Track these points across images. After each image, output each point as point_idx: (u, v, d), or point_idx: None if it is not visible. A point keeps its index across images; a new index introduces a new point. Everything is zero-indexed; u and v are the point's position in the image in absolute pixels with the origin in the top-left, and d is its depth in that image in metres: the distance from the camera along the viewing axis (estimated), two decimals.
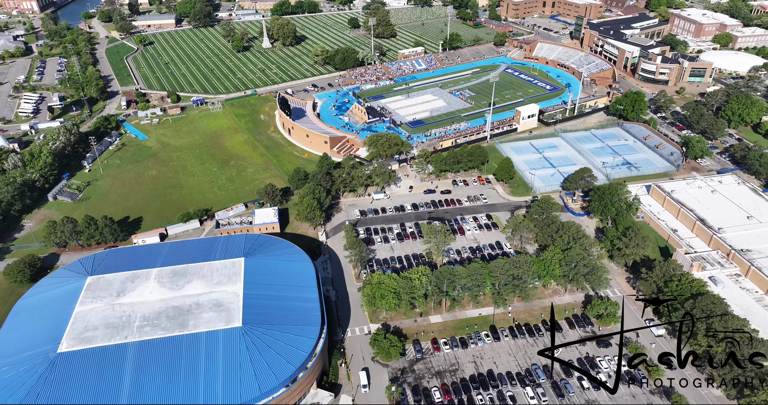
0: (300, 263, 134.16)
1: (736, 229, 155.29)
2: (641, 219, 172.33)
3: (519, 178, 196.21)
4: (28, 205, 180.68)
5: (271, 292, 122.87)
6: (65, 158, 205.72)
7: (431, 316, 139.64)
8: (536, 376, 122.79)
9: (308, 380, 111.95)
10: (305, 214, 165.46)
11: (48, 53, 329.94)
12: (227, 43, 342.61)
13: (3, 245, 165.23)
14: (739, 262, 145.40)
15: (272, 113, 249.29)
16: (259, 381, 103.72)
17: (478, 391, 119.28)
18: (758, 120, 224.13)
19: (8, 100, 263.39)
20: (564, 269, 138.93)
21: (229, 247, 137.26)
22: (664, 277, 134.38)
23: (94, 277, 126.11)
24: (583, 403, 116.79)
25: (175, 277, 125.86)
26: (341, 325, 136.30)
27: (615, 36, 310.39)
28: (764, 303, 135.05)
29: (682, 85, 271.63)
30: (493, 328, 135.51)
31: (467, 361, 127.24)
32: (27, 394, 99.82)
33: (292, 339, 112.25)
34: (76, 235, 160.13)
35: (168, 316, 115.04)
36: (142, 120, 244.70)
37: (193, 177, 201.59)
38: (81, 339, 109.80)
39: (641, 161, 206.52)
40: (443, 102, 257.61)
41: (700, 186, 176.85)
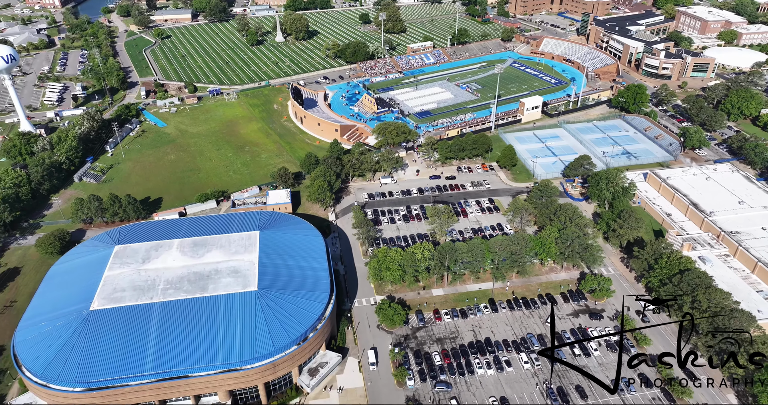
0: (311, 237, 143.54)
1: (726, 213, 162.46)
2: (637, 204, 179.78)
3: (521, 166, 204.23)
4: (56, 185, 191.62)
5: (284, 262, 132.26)
6: (89, 143, 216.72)
7: (434, 290, 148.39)
8: (530, 344, 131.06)
9: (318, 341, 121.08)
10: (316, 196, 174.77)
11: (70, 46, 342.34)
12: (242, 37, 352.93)
13: (33, 221, 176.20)
14: (728, 244, 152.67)
15: (285, 103, 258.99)
16: (273, 338, 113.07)
17: (475, 356, 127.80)
18: (757, 113, 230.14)
19: (34, 90, 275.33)
20: (560, 246, 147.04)
21: (246, 221, 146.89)
22: (654, 254, 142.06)
23: (121, 246, 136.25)
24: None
25: (195, 246, 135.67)
26: (349, 296, 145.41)
27: (620, 32, 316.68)
28: (750, 281, 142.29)
29: (685, 79, 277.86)
30: (492, 301, 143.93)
31: (466, 330, 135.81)
32: (64, 344, 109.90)
33: (303, 303, 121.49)
34: (101, 212, 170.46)
35: (189, 280, 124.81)
36: (161, 109, 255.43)
37: (209, 161, 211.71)
38: (111, 299, 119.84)
39: (640, 151, 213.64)
40: (450, 94, 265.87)
41: (695, 173, 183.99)
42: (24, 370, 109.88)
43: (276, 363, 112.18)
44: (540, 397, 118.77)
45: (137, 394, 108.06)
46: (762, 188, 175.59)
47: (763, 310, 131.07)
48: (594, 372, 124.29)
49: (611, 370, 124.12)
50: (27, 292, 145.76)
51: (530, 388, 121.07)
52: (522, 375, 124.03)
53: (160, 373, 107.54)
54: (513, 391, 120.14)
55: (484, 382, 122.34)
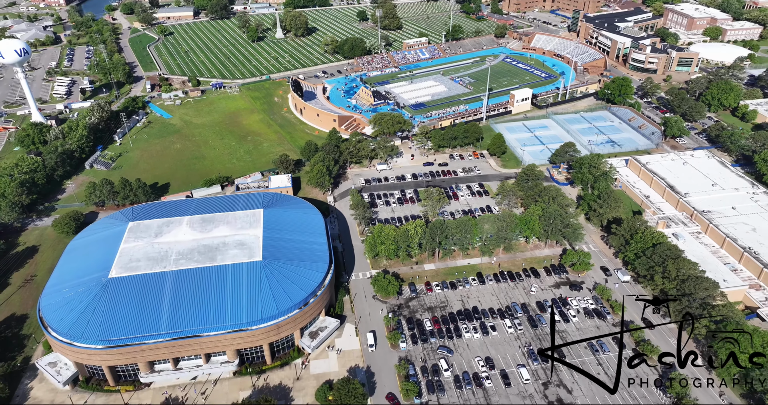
0: (311, 215, 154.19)
1: (700, 194, 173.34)
2: (619, 188, 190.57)
3: (510, 153, 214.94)
4: (69, 171, 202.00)
5: (287, 236, 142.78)
6: (99, 132, 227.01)
7: (425, 264, 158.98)
8: (514, 311, 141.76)
9: (318, 306, 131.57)
10: (316, 180, 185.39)
11: (76, 42, 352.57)
12: (242, 34, 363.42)
13: (48, 204, 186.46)
14: (700, 222, 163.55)
15: (285, 96, 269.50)
16: (276, 302, 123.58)
17: (463, 322, 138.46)
18: (736, 104, 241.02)
19: (43, 83, 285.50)
20: (543, 224, 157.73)
21: (250, 201, 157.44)
22: (630, 230, 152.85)
23: (135, 223, 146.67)
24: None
25: (204, 223, 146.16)
26: (346, 270, 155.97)
27: (609, 28, 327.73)
28: (719, 255, 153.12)
29: (670, 73, 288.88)
30: (480, 275, 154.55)
31: (455, 300, 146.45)
32: (86, 308, 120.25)
33: (304, 272, 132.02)
34: (112, 195, 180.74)
35: (199, 252, 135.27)
36: (166, 101, 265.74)
37: (214, 150, 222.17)
38: (127, 268, 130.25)
39: (624, 140, 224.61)
40: (444, 87, 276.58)
41: (672, 159, 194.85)
42: (50, 330, 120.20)
43: (279, 325, 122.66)
44: (522, 358, 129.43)
45: (153, 351, 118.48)
46: (734, 172, 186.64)
47: (728, 280, 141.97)
48: (571, 335, 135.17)
49: (587, 334, 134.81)
50: (45, 267, 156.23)
51: (513, 349, 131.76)
52: (506, 338, 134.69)
53: (173, 333, 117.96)
54: (497, 352, 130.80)
55: (471, 345, 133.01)
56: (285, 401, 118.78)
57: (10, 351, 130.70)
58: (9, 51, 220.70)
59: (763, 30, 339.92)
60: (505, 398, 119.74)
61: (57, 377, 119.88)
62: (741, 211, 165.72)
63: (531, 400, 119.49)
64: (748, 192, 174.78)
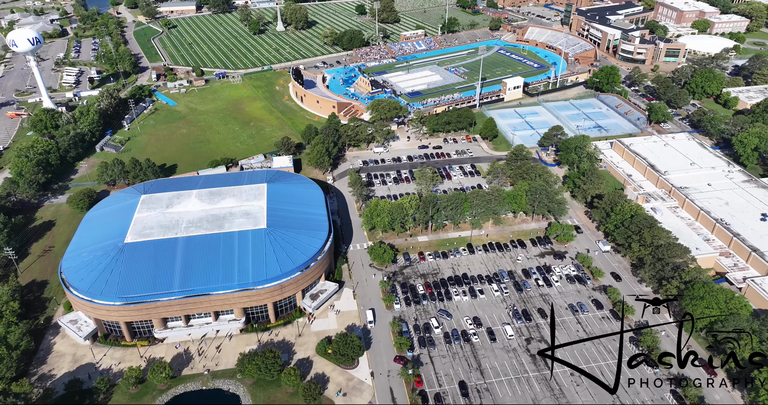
0: (312, 189, 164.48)
1: (678, 173, 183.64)
2: (603, 168, 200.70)
3: (502, 137, 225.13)
4: (80, 153, 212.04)
5: (289, 207, 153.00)
6: (108, 118, 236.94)
7: (419, 237, 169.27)
8: (501, 277, 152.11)
9: (318, 270, 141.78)
10: (316, 160, 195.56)
11: (82, 35, 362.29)
12: (244, 27, 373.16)
13: (62, 183, 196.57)
14: (677, 197, 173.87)
15: (286, 85, 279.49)
16: (280, 265, 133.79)
17: (453, 287, 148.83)
18: (718, 92, 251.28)
19: (52, 73, 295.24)
20: (529, 198, 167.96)
21: (254, 177, 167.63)
22: (611, 204, 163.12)
23: (147, 195, 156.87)
24: (537, 296, 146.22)
25: (211, 195, 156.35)
26: (345, 242, 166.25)
27: (600, 21, 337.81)
28: (693, 227, 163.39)
29: (657, 63, 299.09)
30: (470, 245, 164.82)
31: (446, 267, 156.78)
32: (104, 269, 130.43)
33: (305, 239, 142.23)
34: (123, 174, 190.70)
35: (208, 220, 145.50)
36: (171, 90, 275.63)
37: (218, 134, 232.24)
38: (141, 234, 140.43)
39: (611, 125, 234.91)
40: (440, 77, 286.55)
41: (654, 141, 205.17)
42: (72, 289, 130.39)
43: (283, 285, 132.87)
44: (507, 317, 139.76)
45: (167, 308, 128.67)
46: (712, 153, 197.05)
47: (701, 248, 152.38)
48: (554, 298, 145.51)
49: (569, 298, 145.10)
50: (62, 240, 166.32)
51: (499, 310, 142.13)
52: (493, 301, 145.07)
53: (185, 291, 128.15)
54: (484, 313, 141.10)
55: (460, 306, 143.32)
56: (288, 354, 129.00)
57: (33, 312, 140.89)
58: (22, 40, 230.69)
59: (750, 23, 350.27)
60: (491, 352, 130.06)
61: (78, 333, 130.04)
62: (716, 188, 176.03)
63: (515, 354, 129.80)
64: (724, 170, 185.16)
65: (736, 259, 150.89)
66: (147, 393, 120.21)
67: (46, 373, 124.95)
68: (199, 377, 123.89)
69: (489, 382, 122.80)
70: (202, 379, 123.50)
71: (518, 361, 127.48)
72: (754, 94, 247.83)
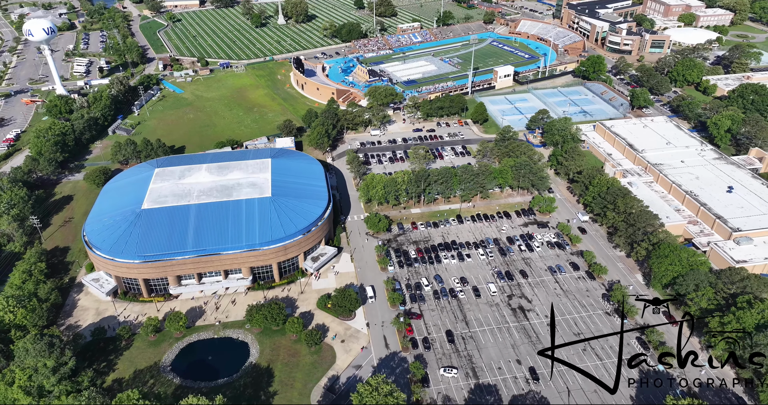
0: (313, 164, 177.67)
1: (655, 151, 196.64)
2: (586, 149, 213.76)
3: (492, 121, 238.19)
4: (94, 135, 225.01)
5: (292, 179, 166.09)
6: (119, 103, 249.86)
7: (412, 209, 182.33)
8: (487, 244, 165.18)
9: (318, 235, 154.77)
10: (316, 141, 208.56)
11: (90, 28, 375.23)
12: (246, 21, 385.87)
13: (78, 163, 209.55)
14: (652, 173, 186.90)
15: (287, 74, 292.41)
16: (284, 228, 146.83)
17: (443, 252, 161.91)
18: (699, 80, 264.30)
19: (63, 63, 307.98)
20: (515, 173, 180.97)
21: (259, 153, 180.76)
22: (589, 177, 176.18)
23: (161, 169, 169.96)
24: (519, 259, 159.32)
25: (220, 169, 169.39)
26: (343, 213, 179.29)
27: (590, 14, 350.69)
28: (666, 199, 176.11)
29: (643, 54, 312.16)
30: (459, 217, 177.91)
31: (437, 235, 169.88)
32: (123, 231, 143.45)
33: (307, 206, 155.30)
34: (136, 153, 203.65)
35: (217, 190, 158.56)
36: (178, 79, 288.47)
37: (223, 119, 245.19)
38: (157, 202, 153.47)
39: (595, 110, 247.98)
40: (434, 67, 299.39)
41: (634, 123, 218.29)
42: (94, 250, 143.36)
43: (286, 246, 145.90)
44: (491, 278, 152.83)
45: (181, 266, 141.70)
46: (687, 134, 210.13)
47: (671, 217, 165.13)
48: (535, 262, 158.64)
49: (548, 261, 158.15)
50: (80, 211, 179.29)
51: (484, 271, 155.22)
52: (478, 264, 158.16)
53: (198, 250, 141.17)
54: (471, 274, 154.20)
55: (449, 268, 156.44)
56: (291, 308, 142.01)
57: (58, 273, 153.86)
58: (38, 29, 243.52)
59: (734, 16, 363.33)
60: (476, 306, 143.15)
61: (100, 290, 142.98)
62: (688, 164, 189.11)
63: (497, 308, 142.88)
64: (697, 149, 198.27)
65: (702, 227, 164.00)
66: (164, 340, 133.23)
67: (73, 323, 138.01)
68: (211, 327, 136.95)
69: (473, 331, 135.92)
70: (213, 329, 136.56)
71: (500, 314, 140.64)
72: (732, 81, 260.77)
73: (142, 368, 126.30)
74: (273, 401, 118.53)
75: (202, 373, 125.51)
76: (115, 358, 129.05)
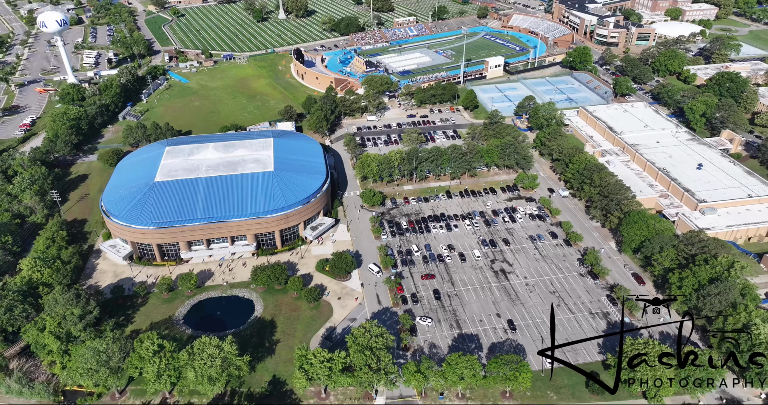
0: (312, 143, 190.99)
1: (632, 133, 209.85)
2: (570, 132, 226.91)
3: (482, 108, 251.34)
4: (105, 121, 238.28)
5: (293, 156, 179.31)
6: (128, 92, 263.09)
7: (405, 186, 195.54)
8: (473, 216, 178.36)
9: (317, 206, 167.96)
10: (315, 125, 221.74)
11: (97, 22, 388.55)
12: (248, 16, 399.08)
13: (92, 145, 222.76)
14: (629, 152, 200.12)
15: (288, 66, 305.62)
16: (285, 198, 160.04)
17: (432, 223, 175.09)
18: (680, 69, 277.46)
19: (73, 55, 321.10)
20: (500, 152, 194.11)
21: (262, 134, 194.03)
22: (569, 156, 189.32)
23: (171, 147, 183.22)
24: (503, 230, 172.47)
25: (226, 147, 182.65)
26: (340, 190, 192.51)
27: (579, 8, 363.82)
28: (641, 176, 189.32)
29: (629, 46, 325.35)
30: (448, 192, 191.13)
31: (427, 209, 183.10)
32: (138, 201, 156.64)
33: (307, 180, 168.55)
34: (146, 136, 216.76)
35: (224, 165, 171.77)
36: (183, 69, 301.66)
37: (227, 106, 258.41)
38: (168, 175, 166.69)
39: (581, 98, 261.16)
40: (429, 58, 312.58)
41: (615, 108, 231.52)
42: (112, 217, 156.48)
43: (288, 215, 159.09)
44: (476, 245, 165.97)
45: (192, 232, 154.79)
46: (665, 118, 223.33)
47: (644, 191, 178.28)
48: (517, 231, 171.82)
49: (530, 231, 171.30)
50: (95, 188, 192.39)
51: (470, 240, 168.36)
52: (465, 233, 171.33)
53: (206, 218, 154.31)
54: (457, 242, 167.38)
55: (438, 237, 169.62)
56: (292, 271, 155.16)
57: (77, 241, 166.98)
58: (51, 21, 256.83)
59: (719, 11, 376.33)
60: (461, 269, 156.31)
61: (117, 254, 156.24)
62: (663, 144, 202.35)
63: (480, 271, 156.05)
64: (672, 131, 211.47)
65: (672, 200, 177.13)
66: (176, 298, 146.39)
67: (93, 284, 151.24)
68: (219, 287, 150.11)
69: (458, 290, 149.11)
70: (221, 288, 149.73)
71: (483, 276, 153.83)
72: (711, 71, 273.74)
73: (158, 321, 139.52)
74: (276, 348, 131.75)
75: (212, 325, 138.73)
76: (133, 313, 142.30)
